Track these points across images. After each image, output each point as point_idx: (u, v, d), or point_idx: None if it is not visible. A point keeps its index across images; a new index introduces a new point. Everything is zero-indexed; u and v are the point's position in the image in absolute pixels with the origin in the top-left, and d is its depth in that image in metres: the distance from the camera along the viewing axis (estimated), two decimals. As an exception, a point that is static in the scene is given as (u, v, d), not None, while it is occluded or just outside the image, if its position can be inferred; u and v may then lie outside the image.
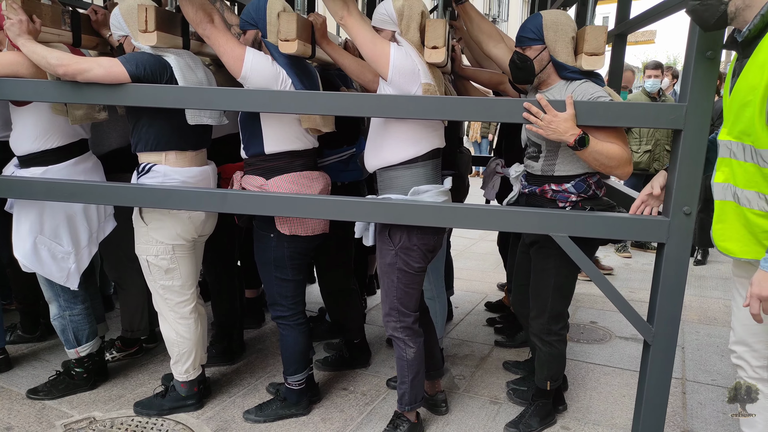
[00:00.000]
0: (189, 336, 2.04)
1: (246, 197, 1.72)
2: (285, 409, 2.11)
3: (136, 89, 1.69)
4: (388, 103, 1.61)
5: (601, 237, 1.63)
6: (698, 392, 2.44)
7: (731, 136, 1.35)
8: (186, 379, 2.10)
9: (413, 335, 1.89)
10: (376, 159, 1.78)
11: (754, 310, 1.25)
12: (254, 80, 1.72)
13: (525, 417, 2.07)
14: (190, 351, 2.06)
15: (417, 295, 1.88)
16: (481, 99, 1.58)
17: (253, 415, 2.10)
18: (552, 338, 1.93)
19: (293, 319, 2.01)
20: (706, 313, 3.46)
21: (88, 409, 2.17)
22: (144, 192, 1.77)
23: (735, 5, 1.26)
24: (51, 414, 2.13)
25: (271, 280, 1.95)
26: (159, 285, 1.97)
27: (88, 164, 2.08)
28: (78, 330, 2.18)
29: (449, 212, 1.64)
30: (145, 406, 2.12)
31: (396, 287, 1.81)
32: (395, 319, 1.86)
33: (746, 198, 1.31)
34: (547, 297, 1.88)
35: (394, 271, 1.79)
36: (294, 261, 1.93)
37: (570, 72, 1.70)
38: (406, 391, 1.93)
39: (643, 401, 1.68)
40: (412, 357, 1.89)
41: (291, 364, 2.06)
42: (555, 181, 1.78)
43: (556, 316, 1.91)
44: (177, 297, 1.99)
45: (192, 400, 2.14)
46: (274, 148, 1.82)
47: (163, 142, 1.84)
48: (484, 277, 4.15)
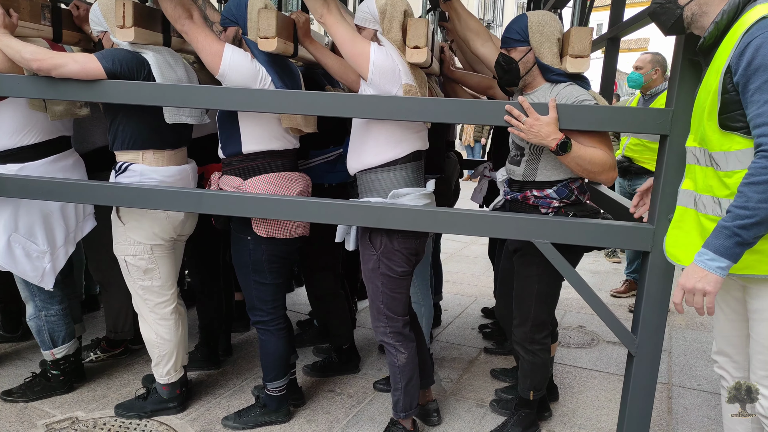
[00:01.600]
0: (169, 337, 1.98)
1: (222, 198, 1.66)
2: (265, 416, 2.04)
3: (112, 86, 1.62)
4: (367, 104, 1.55)
5: (583, 244, 1.55)
6: (684, 397, 2.41)
7: (695, 142, 1.33)
8: (167, 381, 2.04)
9: (404, 340, 1.83)
10: (356, 161, 1.73)
11: (676, 298, 1.25)
12: (233, 78, 1.66)
13: (506, 427, 2.00)
14: (171, 353, 2.00)
15: (404, 300, 1.81)
16: (463, 101, 1.51)
17: (232, 421, 2.03)
18: (535, 347, 1.87)
19: (273, 324, 1.94)
20: (694, 319, 3.43)
21: (70, 409, 2.12)
22: (120, 191, 1.70)
23: (691, 10, 1.26)
24: (33, 414, 2.08)
25: (249, 283, 1.89)
26: (138, 285, 1.91)
27: (68, 162, 2.01)
28: (54, 331, 2.11)
29: (428, 216, 1.57)
30: (126, 409, 2.06)
31: (381, 292, 1.75)
32: (384, 325, 1.80)
33: (703, 203, 1.30)
34: (530, 305, 1.81)
35: (377, 277, 1.74)
36: (272, 264, 1.86)
37: (555, 74, 1.65)
38: (400, 397, 1.87)
39: (627, 411, 1.61)
40: (404, 362, 1.83)
41: (271, 370, 1.99)
42: (537, 187, 1.73)
43: (539, 325, 1.85)
44: (156, 297, 1.93)
45: (174, 402, 2.08)
46: (252, 147, 1.76)
47: (140, 140, 1.78)
48: (474, 280, 4.10)
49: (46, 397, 2.18)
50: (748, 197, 1.13)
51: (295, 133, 1.85)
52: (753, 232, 1.13)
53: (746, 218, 1.13)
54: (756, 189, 1.12)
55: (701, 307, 1.21)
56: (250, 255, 1.84)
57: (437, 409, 2.10)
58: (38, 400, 2.15)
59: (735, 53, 1.16)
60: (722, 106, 1.20)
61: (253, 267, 1.85)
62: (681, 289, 1.23)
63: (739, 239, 1.14)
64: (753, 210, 1.12)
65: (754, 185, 1.12)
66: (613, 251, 4.79)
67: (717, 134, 1.23)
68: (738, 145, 1.20)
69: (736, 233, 1.14)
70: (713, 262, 1.17)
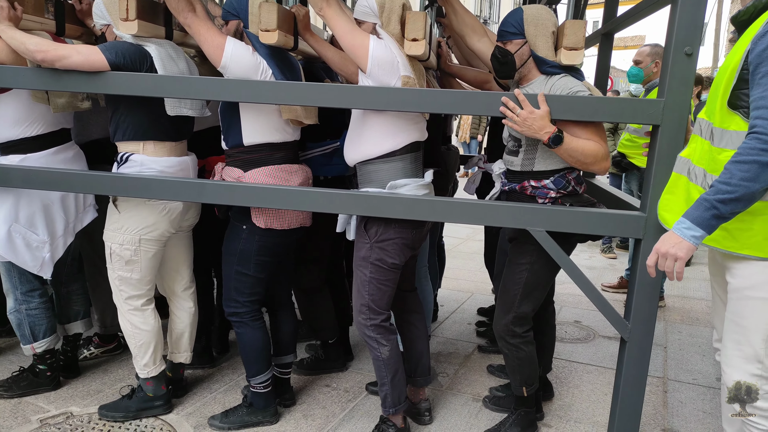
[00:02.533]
0: (145, 327, 1.94)
1: (223, 187, 1.67)
2: (251, 415, 1.99)
3: (113, 77, 1.64)
4: (364, 95, 1.56)
5: (578, 232, 1.57)
6: (679, 391, 2.42)
7: (706, 115, 1.36)
8: (147, 375, 1.99)
9: (385, 332, 1.80)
10: (355, 152, 1.74)
11: (650, 261, 1.30)
12: (234, 70, 1.67)
13: (504, 426, 1.96)
14: (148, 343, 1.95)
15: (390, 293, 1.78)
16: (458, 91, 1.53)
17: (218, 421, 1.98)
18: (516, 341, 1.83)
19: (248, 316, 1.91)
20: (689, 314, 3.44)
21: (65, 404, 2.11)
22: (122, 181, 1.71)
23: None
24: (27, 409, 2.06)
25: (230, 272, 1.87)
26: (117, 275, 1.89)
27: (69, 154, 2.02)
28: (35, 325, 2.09)
29: (425, 205, 1.59)
30: (111, 409, 2.01)
31: (368, 282, 1.73)
32: (365, 317, 1.77)
33: (695, 173, 1.34)
34: (516, 293, 1.79)
35: (367, 265, 1.73)
36: (261, 257, 1.85)
37: (550, 67, 1.66)
38: (387, 393, 1.83)
39: (619, 398, 1.63)
40: (387, 355, 1.79)
41: (252, 364, 1.94)
42: (534, 177, 1.74)
43: (520, 318, 1.81)
44: (131, 290, 1.91)
45: (160, 401, 2.03)
46: (252, 139, 1.77)
47: (140, 131, 1.79)
48: (470, 276, 4.11)
49: (32, 393, 2.14)
50: (732, 174, 1.17)
51: (296, 125, 1.86)
52: (730, 207, 1.18)
53: (726, 193, 1.17)
54: (741, 167, 1.16)
55: (671, 272, 1.26)
56: (240, 244, 1.83)
57: (429, 408, 2.06)
58: (25, 396, 2.13)
59: (759, 33, 1.18)
60: (737, 83, 1.23)
61: (239, 256, 1.84)
62: (655, 252, 1.29)
63: (716, 212, 1.19)
64: (734, 186, 1.16)
65: (739, 164, 1.16)
66: (608, 246, 4.82)
67: (723, 110, 1.26)
68: (736, 126, 1.23)
69: (715, 206, 1.19)
70: (689, 231, 1.22)
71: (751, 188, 1.15)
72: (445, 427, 2.06)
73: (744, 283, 1.28)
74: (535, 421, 2.01)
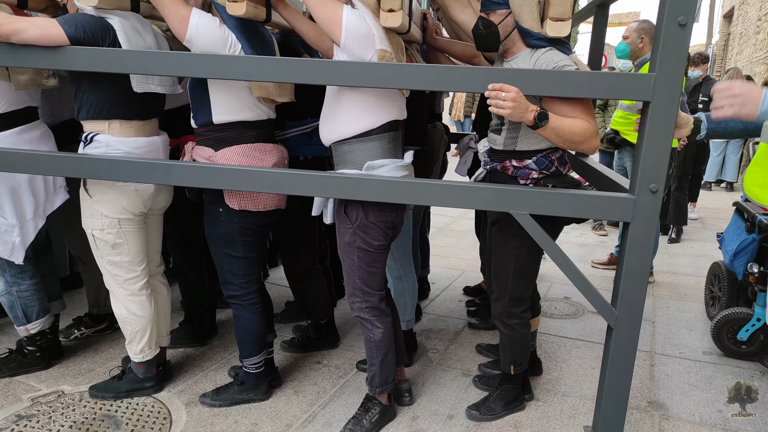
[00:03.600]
0: (141, 313, 1.90)
1: (192, 169, 1.57)
2: (243, 393, 1.99)
3: (73, 52, 1.51)
4: (335, 70, 1.44)
5: (562, 215, 1.47)
6: (666, 364, 2.42)
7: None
8: (141, 360, 1.97)
9: (380, 315, 1.77)
10: (330, 132, 1.64)
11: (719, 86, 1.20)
12: (200, 44, 1.56)
13: (489, 400, 1.96)
14: (144, 329, 1.92)
15: (381, 274, 1.75)
16: (436, 66, 1.40)
17: (209, 399, 1.98)
18: (513, 321, 1.82)
19: (246, 298, 1.88)
20: (678, 290, 3.42)
21: (56, 383, 2.10)
22: (86, 162, 1.61)
23: None
24: (18, 388, 2.05)
25: (221, 257, 1.82)
26: (106, 260, 1.83)
27: (35, 133, 1.91)
28: (27, 306, 2.05)
29: (404, 187, 1.49)
30: (101, 390, 2.00)
31: (358, 267, 1.69)
32: (360, 300, 1.74)
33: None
34: (507, 279, 1.76)
35: (353, 251, 1.67)
36: (245, 237, 1.79)
37: (535, 39, 1.55)
38: (376, 372, 1.82)
39: (606, 382, 1.56)
40: (380, 337, 1.78)
41: (246, 345, 1.93)
42: (516, 157, 1.65)
43: (516, 299, 1.80)
44: (125, 273, 1.85)
45: (151, 382, 2.02)
46: (222, 117, 1.67)
47: (105, 110, 1.68)
48: (461, 254, 4.07)
49: (22, 373, 2.13)
50: None
51: (268, 103, 1.75)
52: None
53: None
54: None
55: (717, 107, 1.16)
56: (221, 227, 1.76)
57: (409, 389, 2.05)
58: (14, 376, 2.10)
59: None
60: None
61: (224, 240, 1.78)
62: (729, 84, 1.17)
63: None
64: None
65: None
66: (599, 224, 4.76)
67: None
68: None
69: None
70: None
71: None
72: (434, 402, 2.07)
73: None
74: (521, 396, 2.00)
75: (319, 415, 1.96)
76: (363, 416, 1.83)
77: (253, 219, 1.78)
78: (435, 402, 2.06)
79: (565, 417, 2.00)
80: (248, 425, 1.89)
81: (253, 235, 1.82)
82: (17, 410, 1.91)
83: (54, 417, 1.87)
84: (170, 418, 1.91)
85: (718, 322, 2.49)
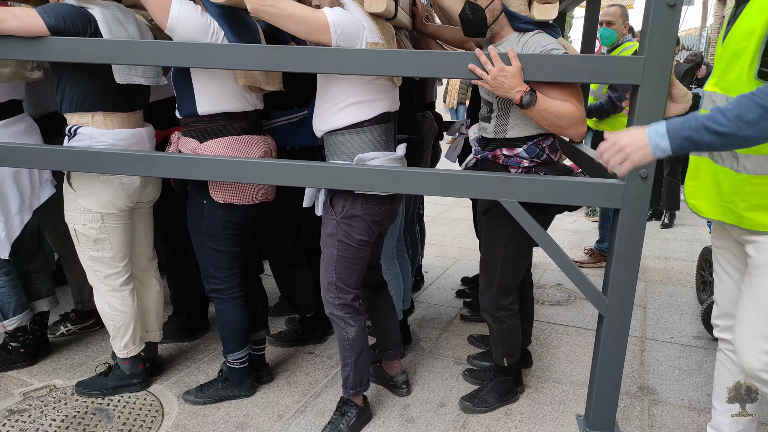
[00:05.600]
0: (123, 308, 1.84)
1: (177, 160, 1.52)
2: (227, 389, 1.93)
3: (52, 43, 1.46)
4: (319, 57, 1.38)
5: (552, 203, 1.43)
6: (656, 349, 2.41)
7: (718, 88, 1.19)
8: (126, 355, 1.92)
9: (353, 313, 1.69)
10: (322, 122, 1.58)
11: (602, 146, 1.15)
12: (181, 32, 1.49)
13: (482, 392, 1.92)
14: (127, 324, 1.87)
15: (359, 272, 1.67)
16: (422, 52, 1.36)
17: (193, 396, 1.92)
18: (501, 313, 1.77)
19: (228, 292, 1.82)
20: (670, 275, 3.40)
21: (48, 377, 2.07)
22: (68, 155, 1.56)
23: None
24: (9, 382, 2.02)
25: (203, 249, 1.75)
26: (87, 256, 1.77)
27: (20, 127, 1.85)
28: (3, 303, 1.98)
29: (390, 176, 1.44)
30: (87, 386, 1.95)
31: (336, 260, 1.62)
32: (333, 296, 1.66)
33: (720, 154, 1.18)
34: (495, 269, 1.70)
35: (334, 243, 1.61)
36: (229, 231, 1.72)
37: (523, 23, 1.50)
38: (350, 373, 1.73)
39: (597, 370, 1.54)
40: (353, 336, 1.69)
41: (229, 340, 1.87)
42: (507, 145, 1.60)
43: (504, 290, 1.74)
44: (107, 269, 1.80)
45: (137, 378, 1.97)
46: (207, 108, 1.61)
47: (88, 101, 1.62)
48: (455, 242, 4.04)
49: (5, 369, 2.09)
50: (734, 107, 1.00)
51: (256, 92, 1.69)
52: (708, 139, 1.02)
53: (716, 124, 1.01)
54: (747, 105, 0.99)
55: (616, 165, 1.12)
56: (205, 220, 1.71)
57: (407, 381, 2.00)
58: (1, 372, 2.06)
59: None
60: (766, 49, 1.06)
61: (207, 232, 1.72)
62: (614, 139, 1.12)
63: (695, 136, 1.03)
64: (728, 120, 1.00)
65: (749, 100, 0.99)
66: (593, 209, 4.73)
67: (752, 82, 1.09)
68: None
69: (697, 129, 1.03)
70: (659, 139, 1.07)
71: (741, 131, 0.99)
72: (426, 390, 2.04)
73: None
74: (514, 388, 1.96)
75: (311, 406, 1.93)
76: (339, 421, 1.75)
77: (238, 212, 1.72)
78: (426, 390, 2.04)
79: (556, 403, 1.98)
80: (240, 416, 1.86)
81: (238, 229, 1.75)
82: (8, 405, 1.88)
83: (46, 411, 1.85)
84: (162, 410, 1.88)
85: (708, 307, 2.48)
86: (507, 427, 1.84)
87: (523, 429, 1.84)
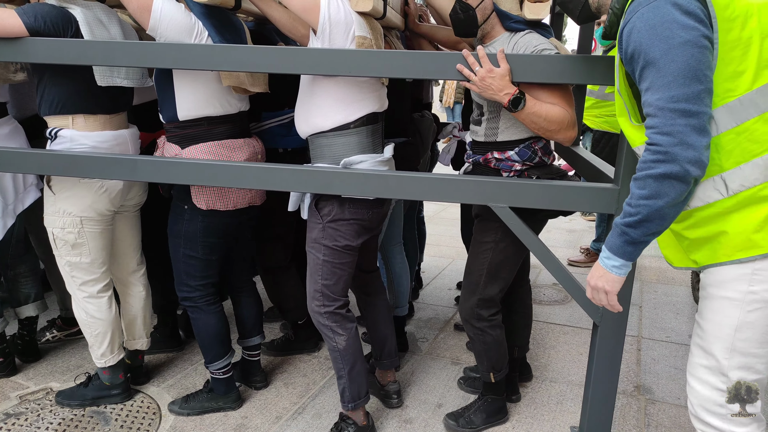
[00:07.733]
0: (100, 316, 1.76)
1: (158, 164, 1.45)
2: (212, 401, 1.84)
3: (31, 44, 1.39)
4: (304, 58, 1.31)
5: (544, 208, 1.36)
6: (652, 348, 2.36)
7: None
8: (104, 365, 1.82)
9: (342, 321, 1.59)
10: (305, 124, 1.51)
11: (587, 293, 1.14)
12: (165, 33, 1.43)
13: (470, 411, 1.77)
14: (104, 332, 1.77)
15: (346, 279, 1.58)
16: (410, 52, 1.28)
17: (177, 407, 1.84)
18: (483, 324, 1.63)
19: (201, 300, 1.73)
20: (665, 274, 3.34)
21: (44, 380, 2.02)
22: (49, 158, 1.49)
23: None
24: (5, 386, 1.98)
25: (178, 255, 1.67)
26: (65, 261, 1.69)
27: (4, 130, 1.78)
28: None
29: (378, 181, 1.37)
30: (67, 397, 1.87)
31: (321, 266, 1.53)
32: (319, 303, 1.56)
33: None
34: (480, 275, 1.60)
35: (320, 248, 1.52)
36: (208, 238, 1.65)
37: (514, 22, 1.43)
38: (345, 386, 1.62)
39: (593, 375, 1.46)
40: (344, 346, 1.58)
41: (208, 350, 1.77)
42: (498, 149, 1.52)
43: (486, 301, 1.62)
44: (84, 275, 1.72)
45: (118, 389, 1.87)
46: (188, 113, 1.54)
47: (69, 104, 1.56)
48: (452, 242, 3.97)
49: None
50: (632, 194, 0.98)
51: (240, 93, 1.62)
52: (641, 230, 0.98)
53: (630, 216, 0.98)
54: (637, 185, 0.96)
55: (607, 305, 1.10)
56: (184, 225, 1.63)
57: (398, 390, 1.89)
58: None
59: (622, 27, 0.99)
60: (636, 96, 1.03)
61: (185, 238, 1.64)
62: (589, 286, 1.11)
63: (628, 238, 1.00)
64: (636, 207, 0.97)
65: (636, 181, 0.97)
66: (588, 209, 4.65)
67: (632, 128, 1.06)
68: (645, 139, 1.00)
69: (624, 231, 1.00)
70: (609, 261, 1.05)
71: (654, 206, 0.94)
72: (423, 390, 2.00)
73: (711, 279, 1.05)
74: (504, 408, 1.82)
75: (308, 407, 1.89)
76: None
77: (220, 219, 1.64)
78: (424, 391, 2.00)
79: (552, 403, 1.94)
80: (238, 418, 1.82)
81: (217, 237, 1.67)
82: (5, 408, 1.83)
83: (43, 414, 1.80)
84: (160, 413, 1.84)
85: (704, 307, 2.42)
86: (504, 428, 1.80)
87: (520, 429, 1.79)
